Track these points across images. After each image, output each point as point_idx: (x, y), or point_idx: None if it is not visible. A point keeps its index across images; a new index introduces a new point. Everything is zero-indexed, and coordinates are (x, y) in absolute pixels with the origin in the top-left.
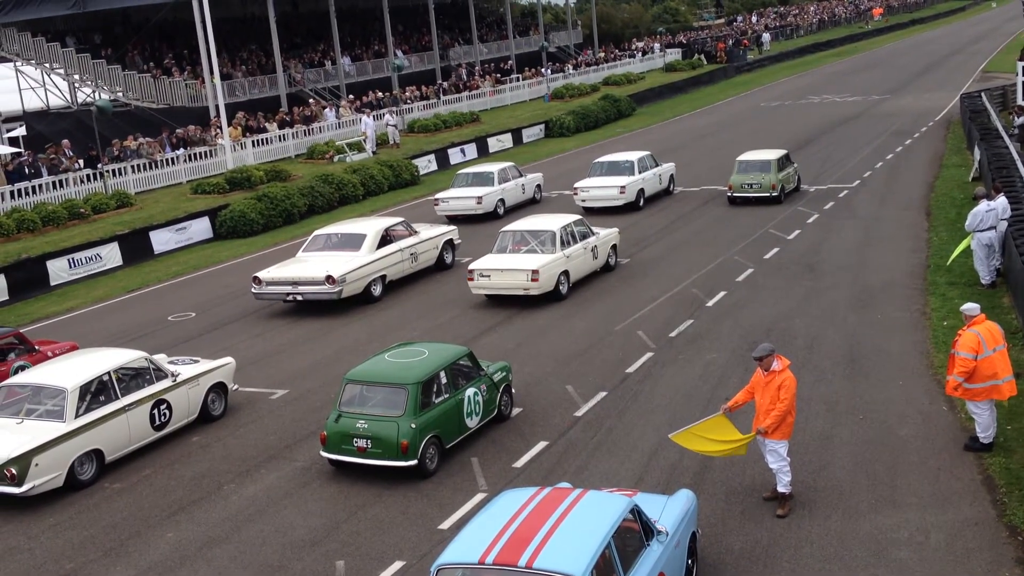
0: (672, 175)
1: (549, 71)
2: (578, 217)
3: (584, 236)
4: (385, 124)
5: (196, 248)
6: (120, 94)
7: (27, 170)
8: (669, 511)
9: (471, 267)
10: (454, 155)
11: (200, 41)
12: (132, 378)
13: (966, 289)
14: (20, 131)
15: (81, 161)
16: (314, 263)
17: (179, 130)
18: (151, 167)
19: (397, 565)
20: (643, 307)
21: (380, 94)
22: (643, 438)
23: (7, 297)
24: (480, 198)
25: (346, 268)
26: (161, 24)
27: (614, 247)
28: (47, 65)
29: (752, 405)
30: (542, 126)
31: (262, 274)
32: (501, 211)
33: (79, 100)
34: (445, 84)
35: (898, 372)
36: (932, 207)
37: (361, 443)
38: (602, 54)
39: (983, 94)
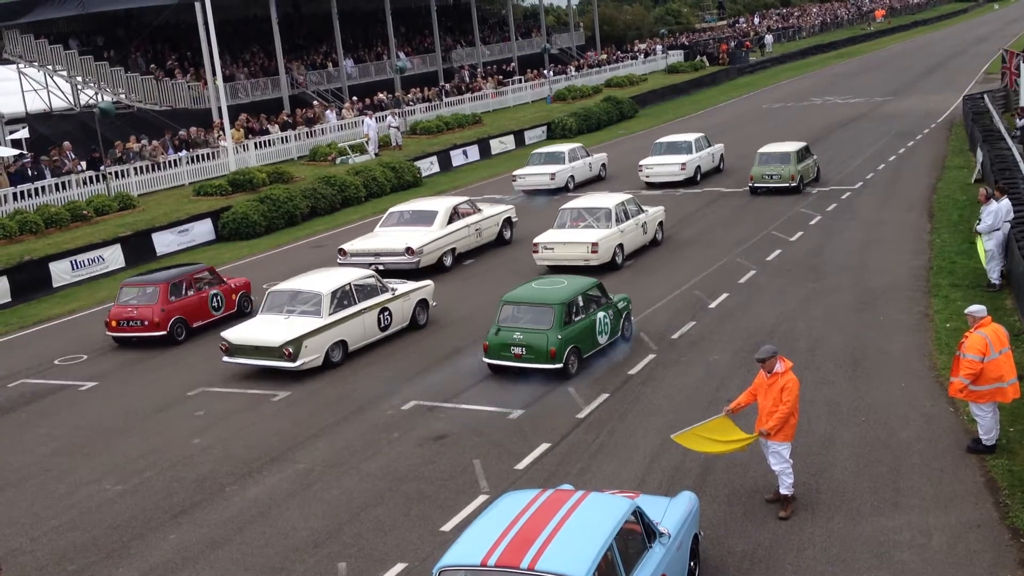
0: (722, 154)
1: (551, 73)
2: (630, 196)
3: (636, 213)
4: (387, 126)
5: (198, 250)
6: (123, 96)
7: (30, 172)
8: (671, 513)
9: (536, 240)
10: (456, 157)
11: (202, 43)
12: (365, 289)
13: (969, 291)
14: (23, 133)
15: (84, 163)
16: (394, 236)
17: (181, 132)
18: (154, 169)
19: (399, 567)
20: (645, 309)
21: (383, 96)
22: (645, 440)
23: (9, 299)
24: (553, 174)
25: (423, 241)
26: (164, 26)
27: (660, 223)
28: (50, 67)
29: (754, 407)
30: (544, 128)
31: (347, 246)
32: (571, 186)
33: (82, 102)
34: (447, 86)
35: (900, 374)
36: (935, 209)
37: (517, 350)
38: (604, 56)
39: (985, 96)
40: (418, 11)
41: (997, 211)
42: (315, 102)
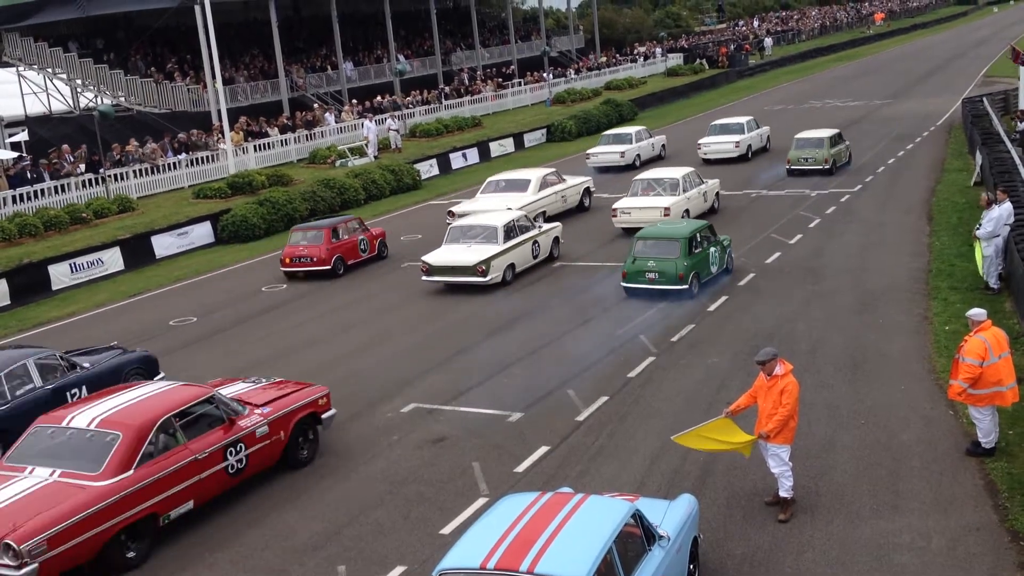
0: (768, 136)
1: (551, 76)
2: (692, 169)
3: (698, 184)
4: (387, 128)
5: (198, 253)
6: (122, 99)
7: (29, 175)
8: (671, 516)
9: (615, 206)
10: (456, 159)
11: (202, 46)
12: (522, 226)
13: (968, 294)
14: (23, 136)
15: (83, 166)
16: (496, 200)
17: (181, 135)
18: (153, 172)
19: (398, 570)
20: (645, 311)
21: (382, 99)
22: (644, 443)
23: (9, 302)
24: (623, 153)
25: (520, 204)
26: (163, 29)
27: (717, 194)
28: (49, 70)
29: (754, 409)
30: (544, 130)
31: (456, 209)
32: (638, 163)
33: (81, 105)
34: (447, 89)
35: (900, 376)
36: (934, 211)
37: (651, 275)
38: (604, 59)
39: (985, 99)
40: (418, 14)
41: (999, 217)
42: (315, 105)
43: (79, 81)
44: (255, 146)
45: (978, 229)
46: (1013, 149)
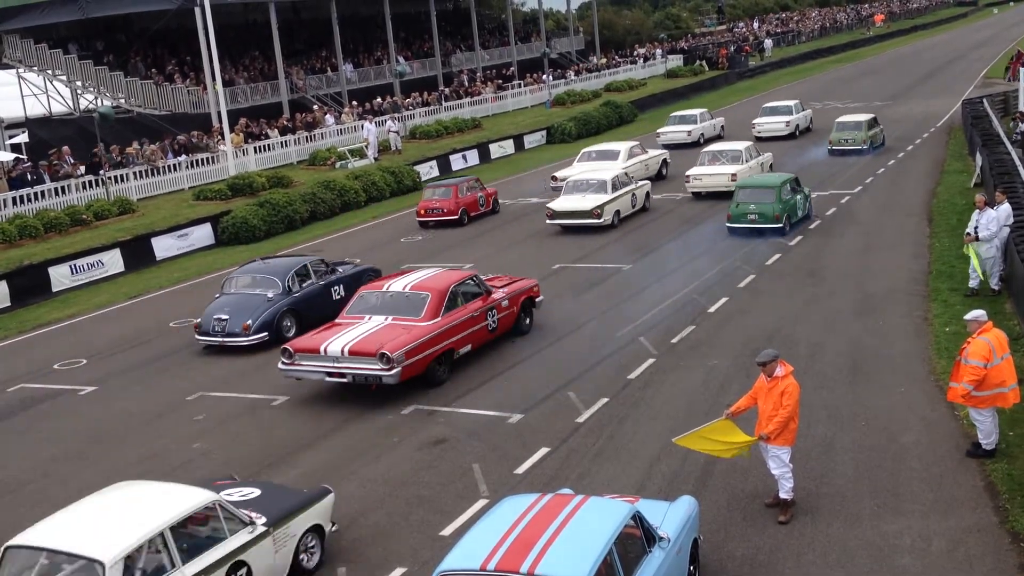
0: (811, 118)
1: (551, 77)
2: (751, 143)
3: (756, 155)
4: (387, 130)
5: (198, 254)
6: (122, 101)
7: (29, 176)
8: (671, 517)
9: (688, 173)
10: (456, 161)
11: (202, 48)
12: (624, 180)
13: (968, 295)
14: (23, 137)
15: (83, 167)
16: (591, 167)
17: (180, 136)
18: (153, 173)
19: (398, 571)
20: (645, 313)
21: (381, 100)
22: (645, 444)
23: (9, 303)
24: (689, 131)
25: (614, 171)
26: (163, 31)
27: (771, 166)
28: (49, 72)
29: (754, 411)
30: (544, 132)
31: (558, 173)
32: (701, 140)
33: (81, 107)
34: (447, 90)
35: (900, 378)
36: (934, 213)
37: (752, 216)
38: (603, 60)
39: (984, 100)
40: (418, 16)
41: (998, 217)
42: (314, 107)
43: (79, 83)
44: (255, 148)
45: (977, 229)
46: (1013, 150)
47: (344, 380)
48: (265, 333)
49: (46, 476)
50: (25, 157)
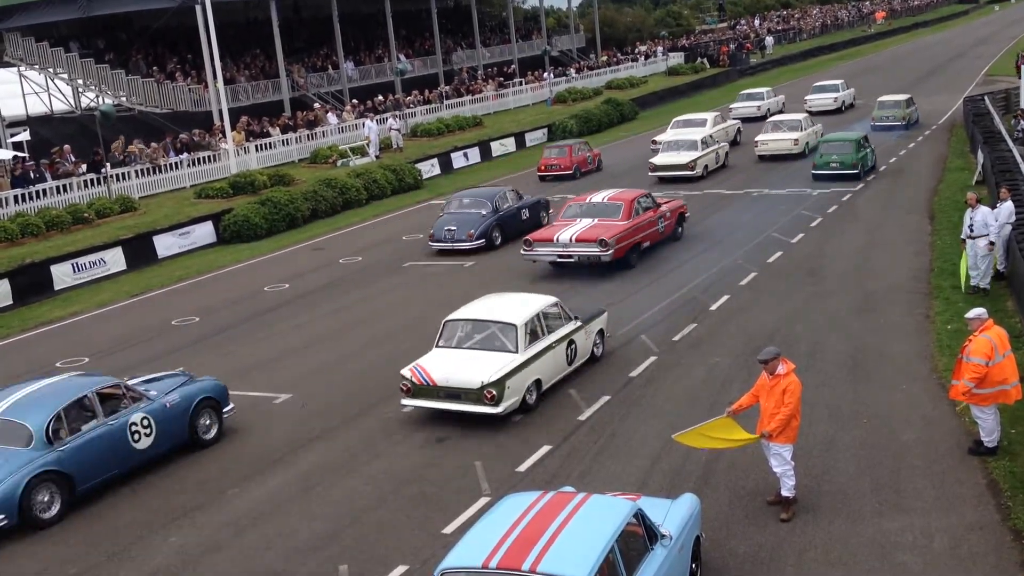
0: (855, 95)
1: (551, 75)
2: (807, 115)
3: (812, 124)
4: (388, 128)
5: (200, 253)
6: (124, 99)
7: (32, 175)
8: (673, 515)
9: (756, 139)
10: (457, 159)
11: (203, 46)
12: (708, 141)
13: (972, 293)
14: (24, 136)
15: (84, 166)
16: (682, 131)
17: (183, 135)
18: (155, 172)
19: (400, 569)
20: (646, 311)
21: (383, 98)
22: (646, 442)
23: (11, 301)
24: (758, 106)
25: (701, 135)
26: (164, 29)
27: (821, 134)
28: (51, 70)
29: (755, 409)
30: (545, 130)
31: (657, 137)
32: (767, 114)
33: (83, 105)
34: (448, 88)
35: (902, 376)
36: (935, 211)
37: (834, 165)
38: (604, 58)
39: (986, 97)
40: (418, 13)
41: (996, 213)
42: (315, 105)
43: (80, 81)
44: (256, 146)
45: (970, 232)
46: (1014, 148)
47: (570, 261)
48: (483, 240)
49: None
50: (27, 155)
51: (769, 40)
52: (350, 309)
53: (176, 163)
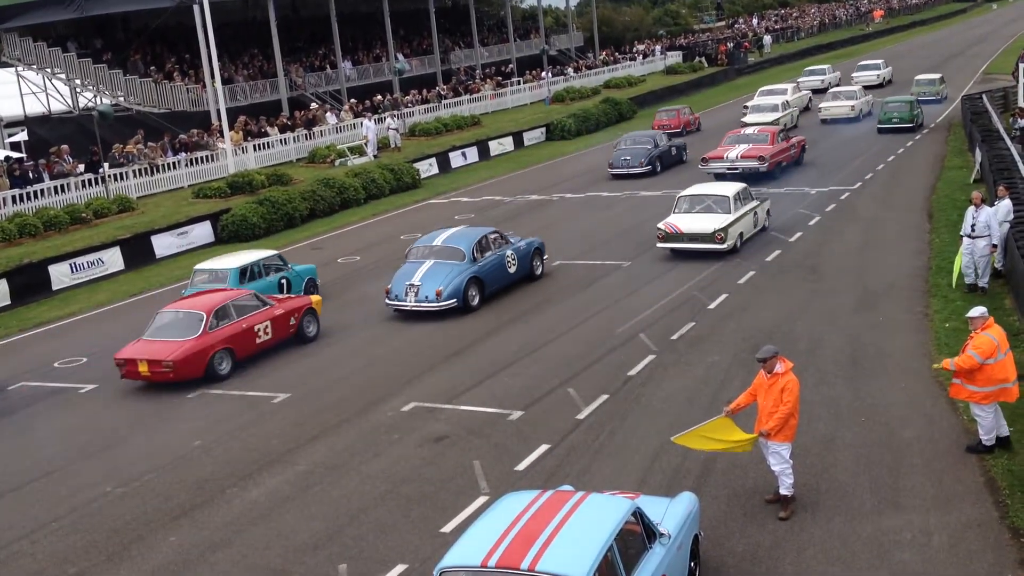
0: (892, 72)
1: (550, 74)
2: (860, 87)
3: (864, 96)
4: (386, 128)
5: (198, 252)
6: (121, 99)
7: (30, 175)
8: (671, 514)
9: (820, 106)
10: (455, 158)
11: (201, 45)
12: (786, 104)
13: (968, 291)
14: (22, 136)
15: (82, 165)
16: (770, 99)
17: (182, 135)
18: (152, 171)
19: (399, 568)
20: (645, 310)
21: (381, 98)
22: (645, 441)
23: (9, 301)
24: (822, 80)
25: (783, 100)
26: (162, 29)
27: (872, 103)
28: (48, 70)
29: (754, 407)
30: (543, 129)
31: (749, 103)
32: (829, 86)
33: (81, 105)
34: (446, 88)
35: (900, 374)
36: (934, 209)
37: (895, 120)
38: (603, 57)
39: (984, 96)
40: (416, 13)
41: (996, 212)
42: (312, 104)
43: (78, 81)
44: (254, 145)
45: (971, 231)
46: (1012, 146)
47: (736, 171)
48: (650, 167)
49: (47, 474)
50: (24, 155)
51: (767, 39)
52: (349, 308)
53: (174, 163)
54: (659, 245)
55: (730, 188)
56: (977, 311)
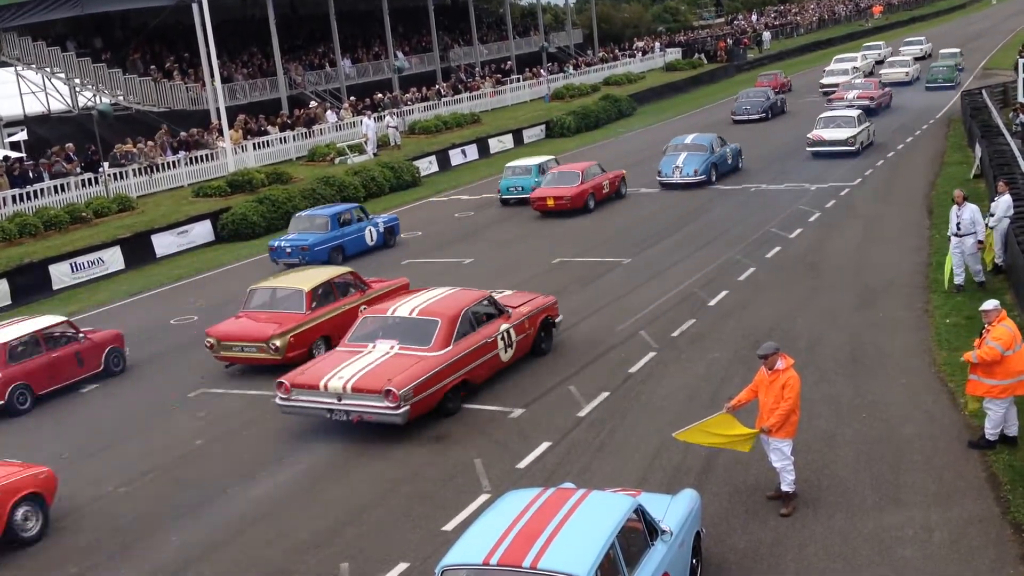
0: (932, 47)
1: (549, 72)
2: (912, 58)
3: (914, 64)
4: (386, 126)
5: (198, 251)
6: (121, 98)
7: (30, 174)
8: (673, 511)
9: (880, 72)
10: (455, 156)
11: (200, 44)
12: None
13: (968, 287)
14: (21, 135)
15: (79, 167)
16: (844, 65)
17: (183, 133)
18: (152, 171)
19: (401, 567)
20: (645, 307)
21: (381, 96)
22: (646, 438)
23: (10, 301)
24: (879, 54)
25: (855, 66)
26: (161, 27)
27: (920, 71)
28: (48, 69)
29: (754, 404)
30: (543, 127)
31: (827, 68)
32: (884, 60)
33: (80, 104)
34: (445, 85)
35: (901, 370)
36: (934, 205)
37: (940, 80)
38: (602, 55)
39: (984, 91)
40: (416, 11)
41: (996, 207)
42: (312, 103)
43: (77, 80)
44: (254, 144)
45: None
46: (1012, 142)
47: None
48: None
49: None
50: (24, 155)
51: (766, 35)
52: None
53: (174, 162)
54: (808, 149)
55: (854, 112)
56: (990, 304)
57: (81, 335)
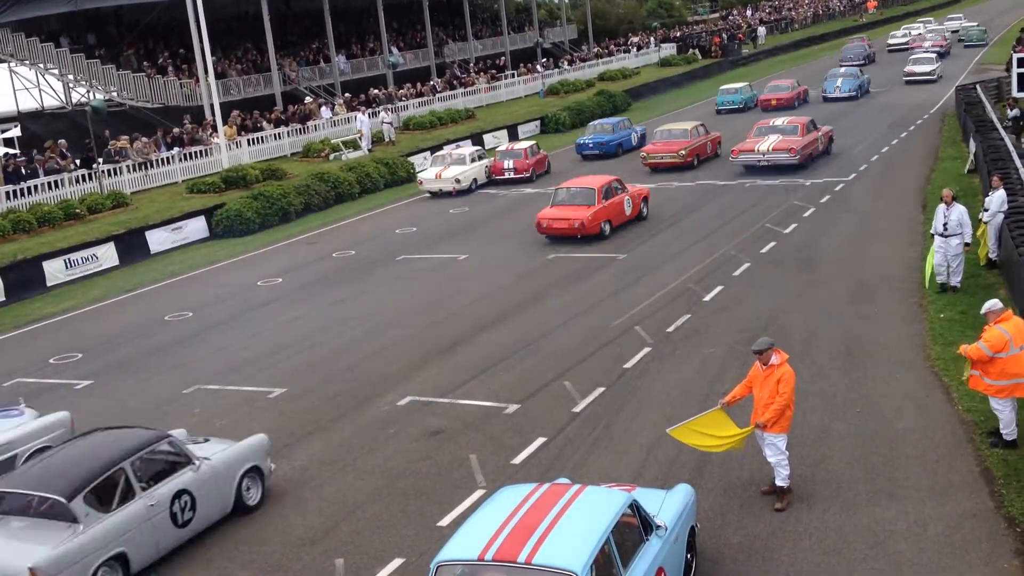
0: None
1: (544, 67)
2: (937, 55)
3: (938, 61)
4: (380, 121)
5: (192, 248)
6: (115, 94)
7: (24, 171)
8: (668, 506)
9: (910, 59)
10: None
11: (194, 40)
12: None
13: (965, 281)
14: (15, 132)
15: (76, 161)
16: (908, 32)
17: (176, 129)
18: (146, 167)
19: (396, 562)
20: (640, 302)
21: (376, 91)
22: (641, 433)
23: (3, 298)
24: (905, 36)
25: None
26: (155, 23)
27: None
28: (41, 65)
29: (749, 399)
30: (538, 122)
31: (893, 32)
32: (909, 44)
33: (74, 100)
34: (440, 81)
35: (895, 365)
36: (928, 200)
37: (973, 39)
38: (597, 50)
39: (978, 86)
40: (410, 6)
41: (990, 201)
42: (307, 98)
43: (71, 76)
44: (248, 140)
45: (943, 230)
46: (1006, 136)
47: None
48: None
49: None
50: (18, 151)
51: (761, 30)
52: (344, 303)
53: (168, 158)
54: (903, 79)
55: (932, 54)
56: (988, 305)
57: None
